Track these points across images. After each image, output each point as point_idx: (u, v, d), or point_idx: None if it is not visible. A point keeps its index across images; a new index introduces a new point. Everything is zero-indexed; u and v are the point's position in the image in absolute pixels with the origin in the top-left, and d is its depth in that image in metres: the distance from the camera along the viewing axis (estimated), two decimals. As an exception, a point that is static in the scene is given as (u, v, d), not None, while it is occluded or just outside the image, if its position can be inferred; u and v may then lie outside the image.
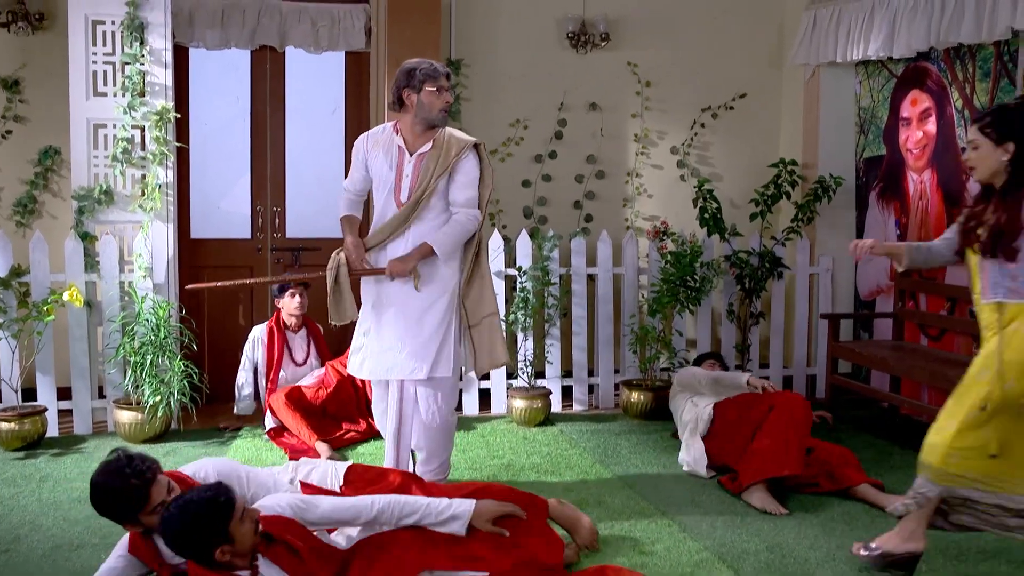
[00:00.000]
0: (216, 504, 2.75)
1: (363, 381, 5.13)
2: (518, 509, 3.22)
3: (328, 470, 3.57)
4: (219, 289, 4.64)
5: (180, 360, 5.02)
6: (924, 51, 5.40)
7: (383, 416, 4.18)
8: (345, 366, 5.16)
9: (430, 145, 3.96)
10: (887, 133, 5.95)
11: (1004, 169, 3.26)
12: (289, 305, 5.27)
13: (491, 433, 5.30)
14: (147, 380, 4.93)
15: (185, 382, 4.98)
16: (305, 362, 5.35)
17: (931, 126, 5.57)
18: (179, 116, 5.43)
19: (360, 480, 3.45)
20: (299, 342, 5.36)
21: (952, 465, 3.21)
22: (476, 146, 4.02)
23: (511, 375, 5.82)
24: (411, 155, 3.96)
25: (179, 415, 5.16)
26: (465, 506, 3.15)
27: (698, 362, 5.35)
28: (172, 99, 5.32)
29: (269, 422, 5.10)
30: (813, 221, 6.14)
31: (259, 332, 5.32)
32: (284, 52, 6.07)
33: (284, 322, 5.32)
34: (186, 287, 4.34)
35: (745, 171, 6.52)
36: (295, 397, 5.03)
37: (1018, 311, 3.22)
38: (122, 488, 2.95)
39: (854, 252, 3.61)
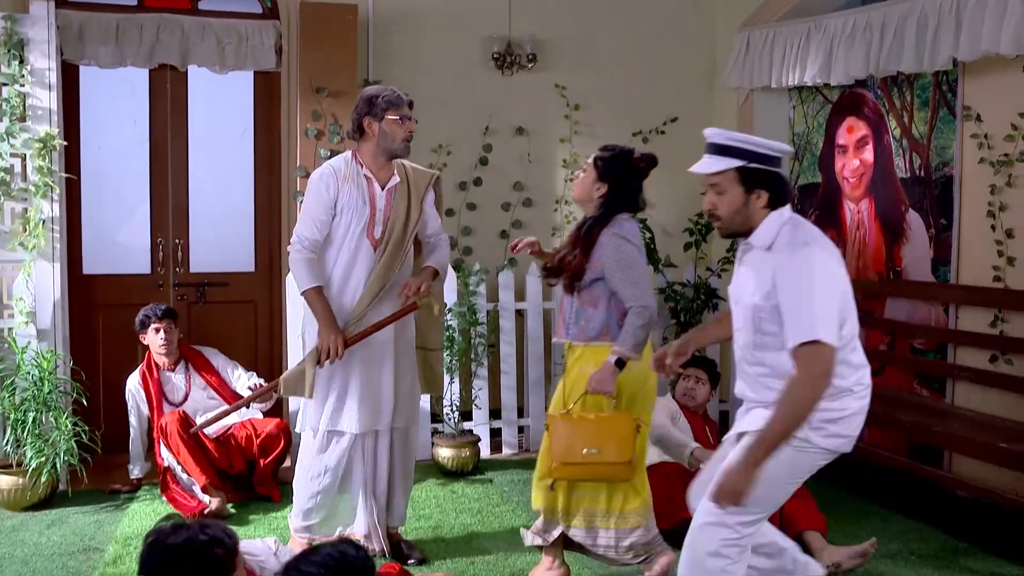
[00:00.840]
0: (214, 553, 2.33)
1: (256, 451, 4.71)
2: None
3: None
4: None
5: (68, 417, 4.51)
6: (861, 78, 5.24)
7: (334, 474, 3.84)
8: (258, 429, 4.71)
9: (397, 178, 3.84)
10: (822, 160, 5.78)
11: (595, 203, 3.43)
12: (154, 343, 4.78)
13: (416, 487, 4.90)
14: (29, 440, 4.42)
15: (73, 442, 4.48)
16: (184, 400, 4.84)
17: (868, 155, 5.41)
18: (67, 143, 4.93)
19: None
20: (176, 380, 4.87)
21: None
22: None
23: (436, 419, 5.45)
24: (382, 188, 3.81)
25: (67, 478, 4.63)
26: None
27: None
28: (59, 124, 4.83)
29: (166, 457, 4.58)
30: (748, 251, 5.93)
31: (133, 382, 4.84)
32: (187, 71, 5.58)
33: (156, 362, 4.83)
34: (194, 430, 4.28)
35: (678, 198, 6.26)
36: (189, 426, 4.52)
37: (582, 353, 3.38)
38: (206, 556, 2.34)
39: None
